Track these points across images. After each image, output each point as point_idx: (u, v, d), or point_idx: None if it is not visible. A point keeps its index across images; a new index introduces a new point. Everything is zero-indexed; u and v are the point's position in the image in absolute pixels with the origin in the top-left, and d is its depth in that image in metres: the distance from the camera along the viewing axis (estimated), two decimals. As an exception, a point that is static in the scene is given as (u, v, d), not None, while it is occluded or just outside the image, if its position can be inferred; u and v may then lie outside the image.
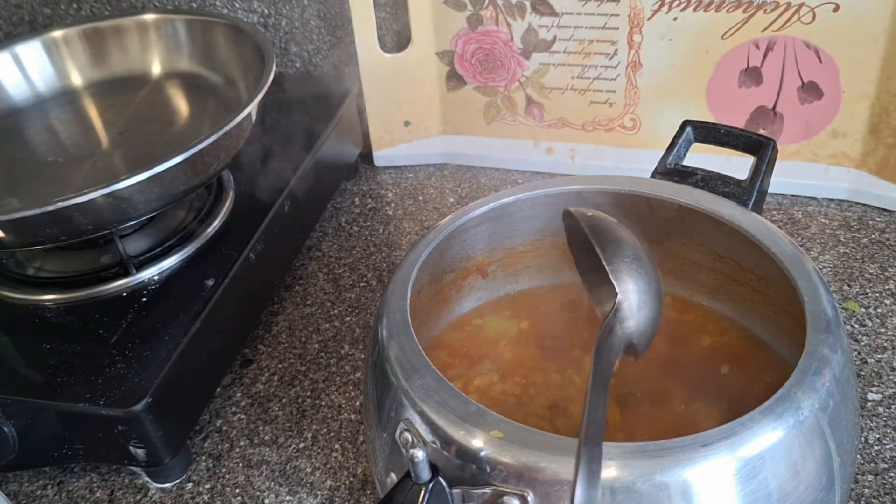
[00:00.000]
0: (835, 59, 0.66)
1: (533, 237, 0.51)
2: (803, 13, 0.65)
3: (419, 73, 0.78)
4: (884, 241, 0.67)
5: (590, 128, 0.76)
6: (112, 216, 0.53)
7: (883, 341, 0.58)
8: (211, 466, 0.54)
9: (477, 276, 0.51)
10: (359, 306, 0.66)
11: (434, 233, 0.45)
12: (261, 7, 0.82)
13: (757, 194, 0.46)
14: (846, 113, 0.68)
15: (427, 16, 0.75)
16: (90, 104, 0.73)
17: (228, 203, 0.64)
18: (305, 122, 0.74)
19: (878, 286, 0.63)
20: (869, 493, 0.48)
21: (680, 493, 0.31)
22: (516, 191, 0.48)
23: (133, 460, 0.51)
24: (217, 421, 0.58)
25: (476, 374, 0.46)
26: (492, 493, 0.32)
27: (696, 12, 0.68)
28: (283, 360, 0.62)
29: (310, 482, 0.53)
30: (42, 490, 0.54)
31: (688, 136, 0.50)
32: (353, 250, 0.72)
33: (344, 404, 0.58)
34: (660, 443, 0.32)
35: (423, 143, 0.82)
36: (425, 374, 0.36)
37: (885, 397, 0.54)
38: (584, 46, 0.73)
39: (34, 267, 0.60)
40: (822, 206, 0.72)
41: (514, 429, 0.33)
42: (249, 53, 0.65)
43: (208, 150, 0.53)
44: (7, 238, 0.53)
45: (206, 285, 0.56)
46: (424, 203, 0.78)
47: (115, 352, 0.52)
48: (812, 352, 0.35)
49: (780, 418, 0.32)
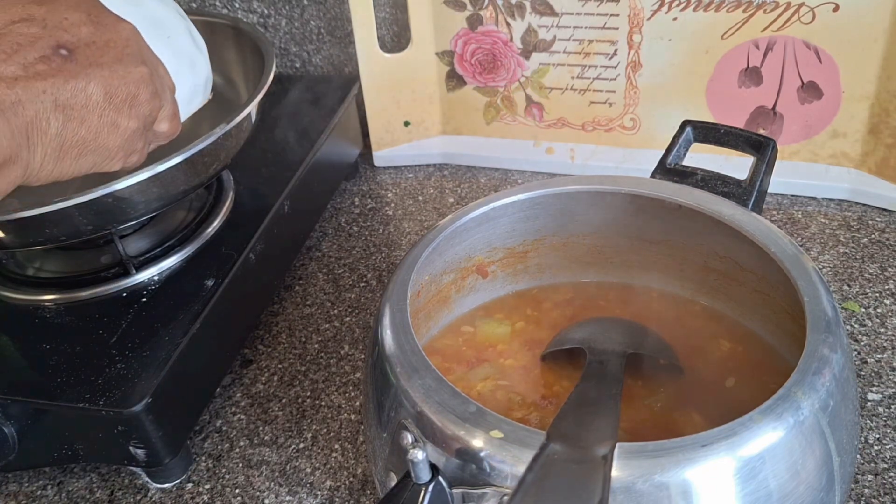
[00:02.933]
0: (835, 59, 0.66)
1: (533, 237, 0.51)
2: (803, 13, 0.65)
3: (419, 73, 0.78)
4: (884, 241, 0.67)
5: (590, 128, 0.76)
6: (112, 216, 0.53)
7: (883, 341, 0.58)
8: (211, 467, 0.54)
9: (477, 276, 0.51)
10: (359, 306, 0.66)
11: (434, 233, 0.45)
12: (261, 7, 0.82)
13: (757, 194, 0.46)
14: (846, 113, 0.68)
15: (427, 16, 0.75)
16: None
17: (228, 203, 0.64)
18: (305, 122, 0.74)
19: (878, 286, 0.63)
20: (869, 493, 0.48)
21: (680, 493, 0.31)
22: (516, 191, 0.48)
23: (133, 460, 0.51)
24: (217, 421, 0.58)
25: (476, 375, 0.46)
26: (492, 492, 0.32)
27: (696, 12, 0.68)
28: (283, 360, 0.62)
29: (310, 482, 0.53)
30: (42, 490, 0.54)
31: (688, 136, 0.50)
32: (353, 250, 0.73)
33: (344, 404, 0.58)
34: (660, 443, 0.32)
35: (423, 143, 0.82)
36: (425, 374, 0.36)
37: (885, 397, 0.54)
38: (583, 46, 0.73)
39: (34, 267, 0.60)
40: (822, 206, 0.72)
41: (514, 429, 0.33)
42: (249, 53, 0.65)
43: (208, 150, 0.53)
44: (7, 238, 0.53)
45: (206, 285, 0.56)
46: (424, 203, 0.78)
47: (115, 352, 0.52)
48: (812, 352, 0.35)
49: (780, 418, 0.32)
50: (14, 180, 0.35)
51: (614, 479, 0.31)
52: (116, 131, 0.39)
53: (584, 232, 0.50)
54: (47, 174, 0.37)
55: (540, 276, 0.52)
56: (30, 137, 0.35)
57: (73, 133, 0.37)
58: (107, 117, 0.38)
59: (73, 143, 0.37)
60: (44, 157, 0.36)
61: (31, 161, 0.36)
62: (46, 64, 0.35)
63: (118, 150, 0.40)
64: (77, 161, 0.38)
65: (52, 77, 0.35)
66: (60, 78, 0.36)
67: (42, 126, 0.35)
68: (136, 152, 0.42)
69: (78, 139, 0.37)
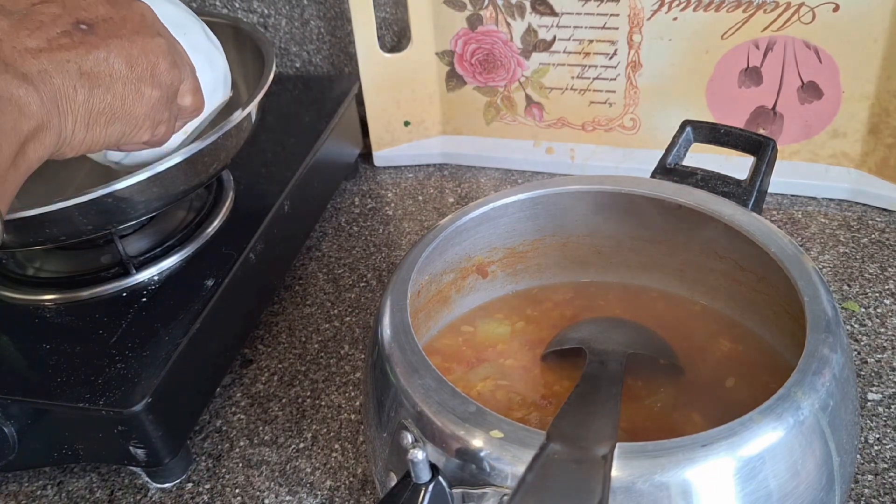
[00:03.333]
0: (835, 59, 0.66)
1: (533, 237, 0.51)
2: (803, 13, 0.65)
3: (419, 73, 0.78)
4: (884, 241, 0.67)
5: (590, 128, 0.76)
6: (112, 216, 0.53)
7: (883, 341, 0.58)
8: (211, 466, 0.54)
9: (477, 276, 0.51)
10: (359, 306, 0.66)
11: (434, 233, 0.45)
12: (261, 7, 0.82)
13: (757, 194, 0.46)
14: (846, 113, 0.68)
15: (427, 16, 0.75)
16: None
17: (228, 203, 0.64)
18: (305, 122, 0.74)
19: (878, 286, 0.63)
20: (869, 493, 0.48)
21: (680, 493, 0.31)
22: (516, 191, 0.48)
23: (133, 460, 0.51)
24: (217, 421, 0.58)
25: (476, 375, 0.46)
26: (492, 492, 0.32)
27: (696, 12, 0.68)
28: (282, 360, 0.62)
29: (310, 482, 0.53)
30: (42, 490, 0.54)
31: (688, 136, 0.50)
32: (353, 250, 0.73)
33: (344, 404, 0.58)
34: (660, 443, 0.32)
35: (423, 143, 0.82)
36: (425, 374, 0.36)
37: (885, 397, 0.54)
38: (583, 46, 0.73)
39: (34, 267, 0.60)
40: (822, 206, 0.72)
41: (514, 429, 0.33)
42: (249, 53, 0.65)
43: (208, 150, 0.53)
44: (7, 238, 0.53)
45: (206, 285, 0.56)
46: (424, 203, 0.78)
47: (115, 352, 0.52)
48: (812, 352, 0.35)
49: (780, 418, 0.32)
50: (48, 146, 0.37)
51: (614, 479, 0.31)
52: (141, 99, 0.41)
53: (584, 232, 0.50)
54: (79, 142, 0.39)
55: (540, 276, 0.52)
56: (59, 105, 0.37)
57: (101, 100, 0.39)
58: (131, 85, 0.41)
59: (101, 110, 0.39)
60: (75, 125, 0.38)
61: (63, 129, 0.38)
62: (68, 38, 0.38)
63: (145, 119, 0.42)
64: (107, 129, 0.40)
65: (75, 48, 0.38)
66: (83, 49, 0.38)
67: (69, 94, 0.38)
68: (162, 122, 0.44)
69: (105, 107, 0.39)
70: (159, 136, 0.45)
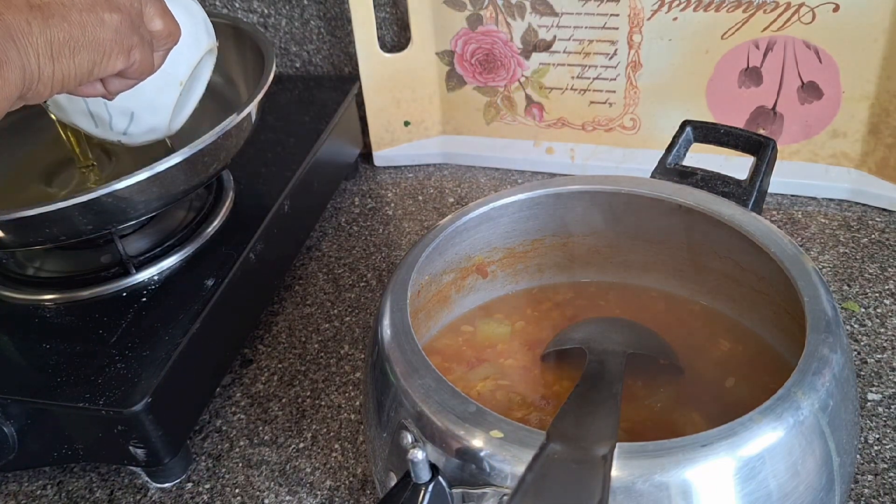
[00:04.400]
0: (835, 59, 0.66)
1: (533, 237, 0.51)
2: (803, 13, 0.65)
3: (419, 73, 0.78)
4: (884, 241, 0.67)
5: (590, 128, 0.76)
6: (112, 216, 0.53)
7: (883, 341, 0.58)
8: (211, 466, 0.54)
9: (477, 276, 0.51)
10: (359, 306, 0.66)
11: (434, 233, 0.45)
12: (261, 7, 0.82)
13: (757, 194, 0.46)
14: (846, 113, 0.68)
15: (427, 16, 0.75)
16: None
17: (228, 203, 0.64)
18: (305, 122, 0.74)
19: (878, 286, 0.63)
20: (869, 493, 0.48)
21: (680, 493, 0.31)
22: (516, 191, 0.48)
23: (133, 460, 0.51)
24: (217, 421, 0.58)
25: (476, 375, 0.46)
26: (491, 492, 0.32)
27: (696, 12, 0.68)
28: (282, 360, 0.62)
29: (310, 482, 0.53)
30: (42, 490, 0.54)
31: (688, 136, 0.50)
32: (353, 250, 0.73)
33: (344, 404, 0.58)
34: (660, 443, 0.32)
35: (423, 143, 0.82)
36: (425, 374, 0.36)
37: (885, 397, 0.54)
38: (583, 46, 0.73)
39: (34, 267, 0.60)
40: (822, 206, 0.72)
41: (514, 429, 0.33)
42: (249, 53, 0.65)
43: (208, 150, 0.53)
44: (7, 238, 0.53)
45: (206, 285, 0.56)
46: (424, 203, 0.78)
47: (115, 352, 0.52)
48: (812, 352, 0.35)
49: (779, 418, 0.32)
50: (15, 83, 0.37)
51: (614, 479, 0.31)
52: (102, 24, 0.40)
53: (584, 232, 0.50)
54: (49, 76, 0.38)
55: (540, 276, 0.52)
56: (15, 40, 0.37)
57: (59, 30, 0.38)
58: (87, 11, 0.40)
59: (62, 40, 0.39)
60: (38, 58, 0.38)
61: (27, 63, 0.37)
62: None
63: (112, 44, 0.41)
64: (74, 59, 0.39)
65: None
66: None
67: (23, 27, 0.37)
68: (135, 47, 0.43)
69: (66, 36, 0.39)
70: (137, 64, 0.43)
